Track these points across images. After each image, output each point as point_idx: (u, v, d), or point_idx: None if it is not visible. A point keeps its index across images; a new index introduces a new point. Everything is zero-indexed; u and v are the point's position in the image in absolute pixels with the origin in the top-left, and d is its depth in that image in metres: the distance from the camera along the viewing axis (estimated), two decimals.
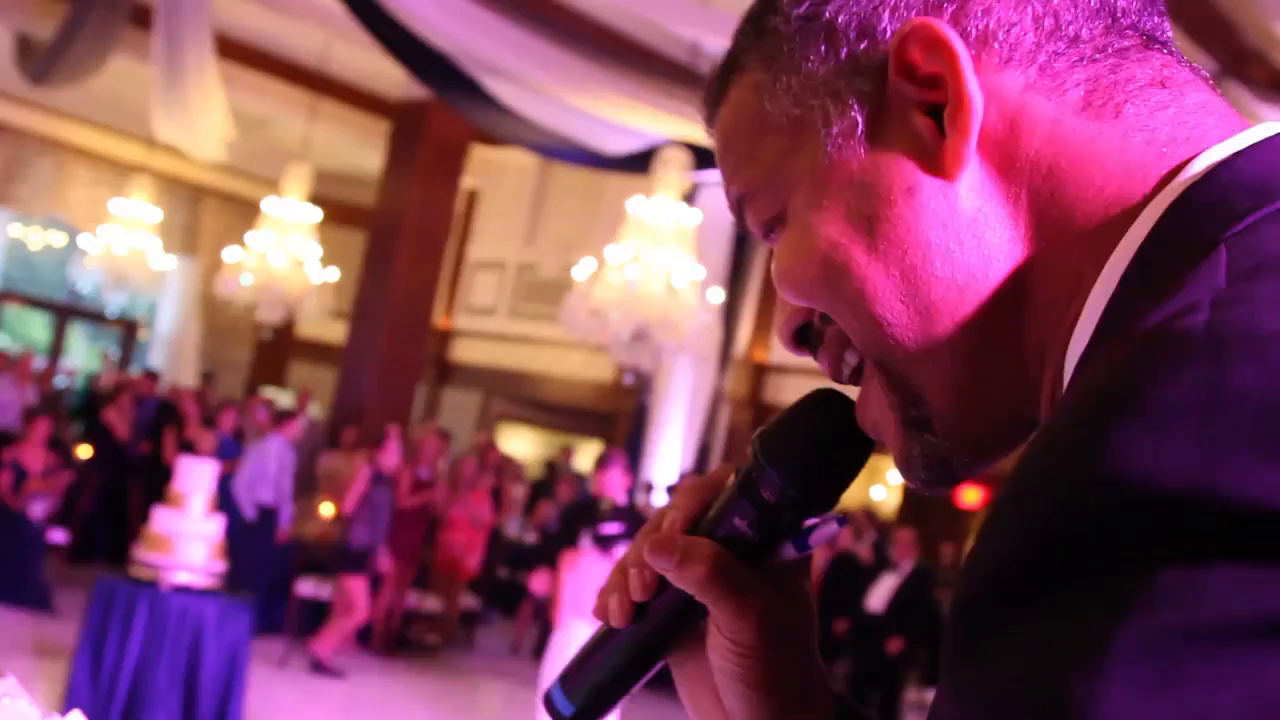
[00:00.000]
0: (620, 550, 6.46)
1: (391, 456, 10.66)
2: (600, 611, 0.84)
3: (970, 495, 17.40)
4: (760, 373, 15.07)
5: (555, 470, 15.83)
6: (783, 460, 0.78)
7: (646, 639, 0.83)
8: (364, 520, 10.22)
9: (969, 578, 0.53)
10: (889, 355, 0.71)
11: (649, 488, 13.00)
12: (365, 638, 10.87)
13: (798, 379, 14.70)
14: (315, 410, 16.43)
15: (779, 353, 15.04)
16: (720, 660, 0.81)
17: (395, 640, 11.07)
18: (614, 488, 7.16)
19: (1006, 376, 0.71)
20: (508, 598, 13.66)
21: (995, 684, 0.49)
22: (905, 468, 0.75)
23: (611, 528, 6.50)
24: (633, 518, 6.80)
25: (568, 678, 0.84)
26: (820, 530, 0.80)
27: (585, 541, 6.59)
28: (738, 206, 0.79)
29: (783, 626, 0.80)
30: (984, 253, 0.69)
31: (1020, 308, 0.69)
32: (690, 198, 12.34)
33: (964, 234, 0.69)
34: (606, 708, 0.84)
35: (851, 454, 0.79)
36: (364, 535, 10.21)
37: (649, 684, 0.86)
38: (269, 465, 11.03)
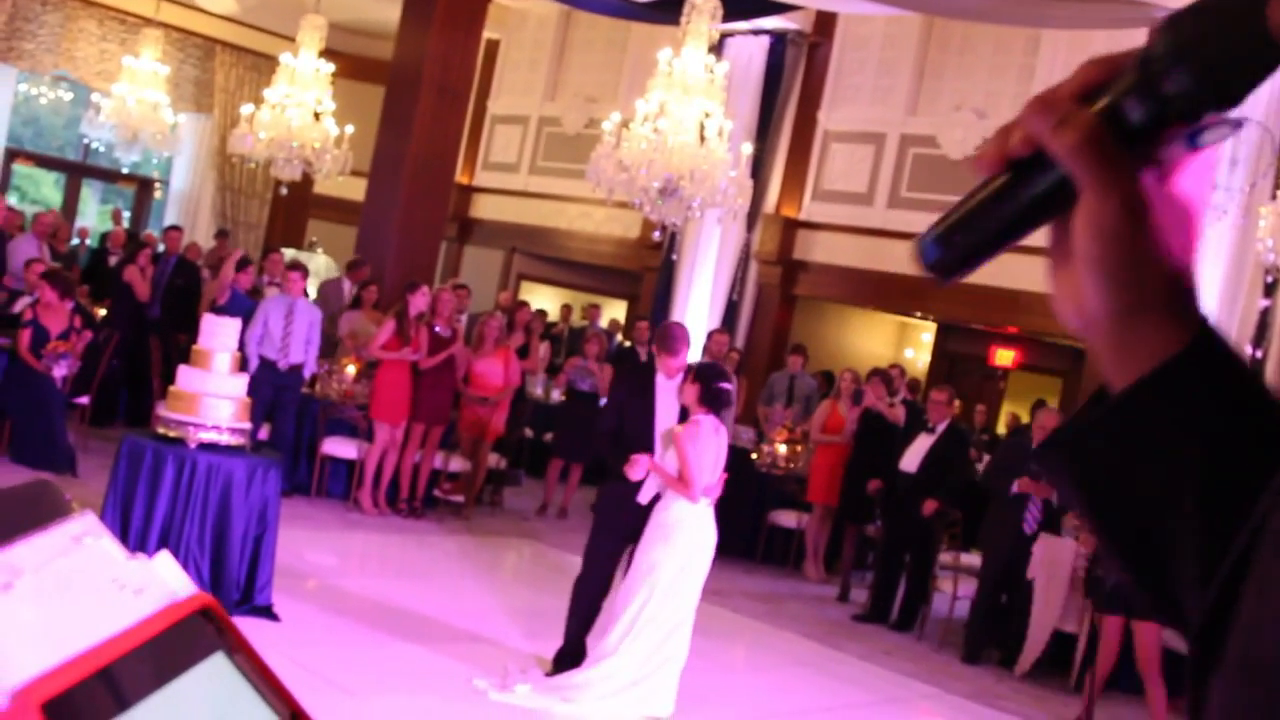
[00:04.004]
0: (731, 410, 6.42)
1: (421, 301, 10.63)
2: (984, 161, 0.80)
3: (1003, 356, 17.19)
4: (790, 229, 14.74)
5: (578, 332, 15.64)
6: (1196, 54, 0.71)
7: (1021, 200, 0.79)
8: None
9: None
10: None
11: None
12: (393, 498, 10.79)
13: (827, 235, 14.39)
14: (333, 268, 16.21)
15: (809, 209, 14.70)
16: (1079, 240, 0.77)
17: (423, 500, 10.99)
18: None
19: None
20: (534, 458, 13.57)
21: None
22: None
23: (726, 384, 6.38)
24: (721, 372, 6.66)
25: (943, 234, 0.82)
26: (1217, 128, 0.74)
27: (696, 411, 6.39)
28: None
29: (1149, 218, 0.76)
30: None
31: None
32: (718, 49, 11.93)
33: None
34: (972, 261, 0.82)
35: (1272, 51, 0.70)
36: None
37: None
38: (274, 323, 10.70)
